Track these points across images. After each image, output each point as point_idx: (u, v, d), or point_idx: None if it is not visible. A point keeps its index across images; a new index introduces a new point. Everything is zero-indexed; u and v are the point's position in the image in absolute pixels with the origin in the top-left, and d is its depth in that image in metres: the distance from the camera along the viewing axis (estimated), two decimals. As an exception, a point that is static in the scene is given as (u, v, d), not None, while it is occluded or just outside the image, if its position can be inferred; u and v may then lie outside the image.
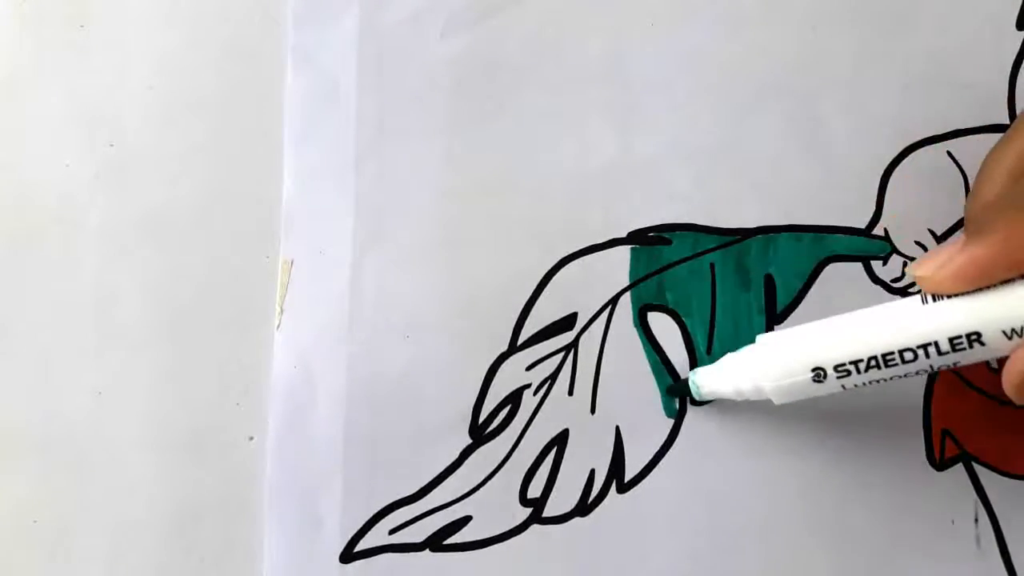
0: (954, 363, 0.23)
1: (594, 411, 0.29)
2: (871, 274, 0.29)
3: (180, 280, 0.30)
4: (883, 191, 0.29)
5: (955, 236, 0.29)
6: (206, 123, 0.31)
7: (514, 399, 0.29)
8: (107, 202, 0.31)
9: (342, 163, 0.30)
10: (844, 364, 0.24)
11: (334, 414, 0.29)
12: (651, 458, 0.28)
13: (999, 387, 0.23)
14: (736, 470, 0.28)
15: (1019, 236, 0.22)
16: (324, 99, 0.31)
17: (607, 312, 0.29)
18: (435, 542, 0.28)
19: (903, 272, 0.29)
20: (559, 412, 0.29)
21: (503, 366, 0.29)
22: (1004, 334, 0.22)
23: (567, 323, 0.29)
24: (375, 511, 0.28)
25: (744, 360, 0.26)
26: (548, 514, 0.28)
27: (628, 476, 0.28)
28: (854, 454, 0.28)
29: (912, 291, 0.24)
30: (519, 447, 0.29)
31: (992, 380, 0.28)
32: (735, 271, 0.29)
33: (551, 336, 0.29)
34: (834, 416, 0.28)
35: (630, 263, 0.29)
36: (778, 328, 0.29)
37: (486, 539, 0.28)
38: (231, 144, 0.31)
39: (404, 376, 0.29)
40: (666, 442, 0.28)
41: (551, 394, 0.29)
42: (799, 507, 0.28)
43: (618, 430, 0.29)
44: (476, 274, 0.30)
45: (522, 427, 0.29)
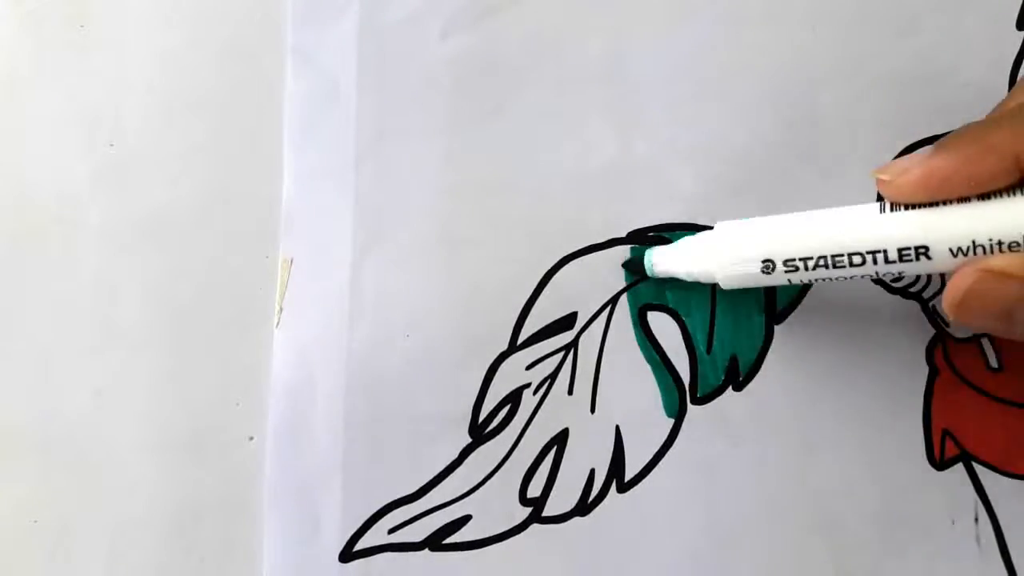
0: (899, 272, 0.24)
1: (594, 411, 0.29)
2: (871, 274, 0.29)
3: (180, 280, 0.30)
4: (883, 191, 0.29)
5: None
6: (206, 123, 0.31)
7: (514, 398, 0.29)
8: (107, 202, 0.31)
9: (342, 163, 0.30)
10: (793, 259, 0.24)
11: (334, 413, 0.29)
12: (651, 458, 0.28)
13: (999, 387, 0.23)
14: (736, 470, 0.28)
15: (989, 152, 0.22)
16: (324, 99, 0.31)
17: (607, 312, 0.29)
18: (434, 541, 0.28)
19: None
20: (559, 412, 0.29)
21: (503, 365, 0.29)
22: (951, 251, 0.23)
23: (567, 323, 0.29)
24: (375, 510, 0.28)
25: (700, 244, 0.27)
26: (548, 514, 0.28)
27: (628, 476, 0.28)
28: (854, 454, 0.28)
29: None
30: (519, 446, 0.29)
31: (992, 380, 0.28)
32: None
33: (551, 336, 0.29)
34: (834, 416, 0.28)
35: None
36: (777, 327, 0.29)
37: (486, 538, 0.28)
38: (231, 144, 0.31)
39: (404, 375, 0.29)
40: (666, 442, 0.28)
41: (551, 393, 0.29)
42: (799, 507, 0.28)
43: (618, 430, 0.29)
44: (476, 274, 0.30)
45: (522, 426, 0.29)
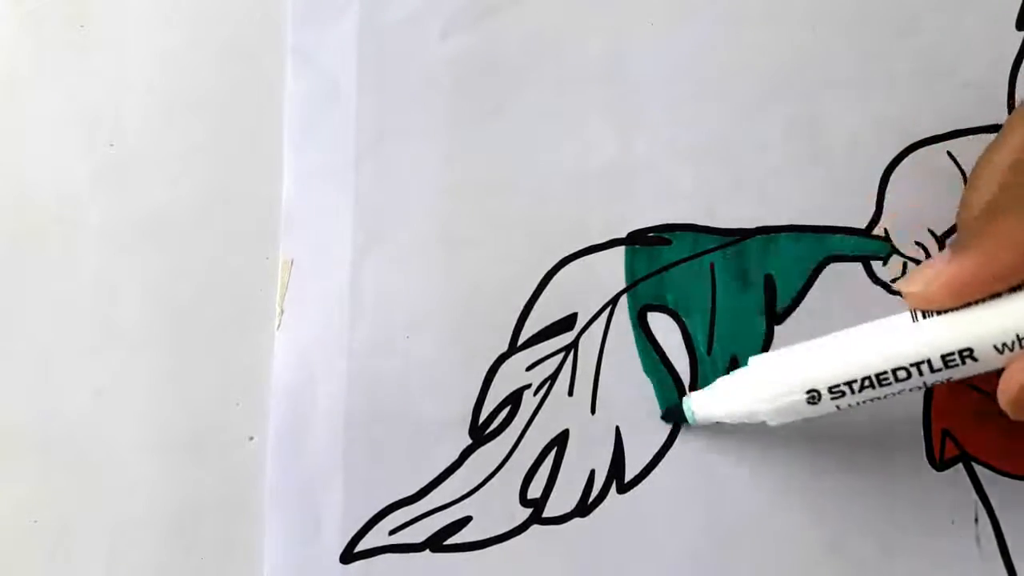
0: (947, 378, 0.23)
1: (594, 411, 0.29)
2: (871, 274, 0.29)
3: (180, 280, 0.30)
4: (883, 191, 0.29)
5: (950, 240, 0.28)
6: (206, 123, 0.31)
7: (514, 399, 0.29)
8: (107, 202, 0.31)
9: (342, 163, 0.30)
10: (838, 385, 0.24)
11: (334, 414, 0.29)
12: (651, 458, 0.28)
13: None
14: (736, 470, 0.28)
15: (1004, 248, 0.22)
16: (324, 99, 0.31)
17: (607, 312, 0.29)
18: (435, 542, 0.28)
19: (903, 272, 0.29)
20: (559, 412, 0.29)
21: (503, 366, 0.29)
22: (996, 349, 0.22)
23: (567, 323, 0.29)
24: (375, 511, 0.28)
25: (738, 383, 0.26)
26: (548, 514, 0.28)
27: (628, 476, 0.28)
28: (854, 454, 0.28)
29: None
30: (519, 447, 0.29)
31: (992, 380, 0.28)
32: (735, 271, 0.29)
33: (551, 336, 0.29)
34: (834, 416, 0.28)
35: (625, 263, 0.29)
36: (778, 328, 0.29)
37: (486, 539, 0.28)
38: (231, 144, 0.31)
39: (404, 376, 0.29)
40: (666, 442, 0.28)
41: (551, 394, 0.29)
42: (799, 507, 0.28)
43: (618, 430, 0.29)
44: (476, 274, 0.29)
45: (522, 427, 0.29)
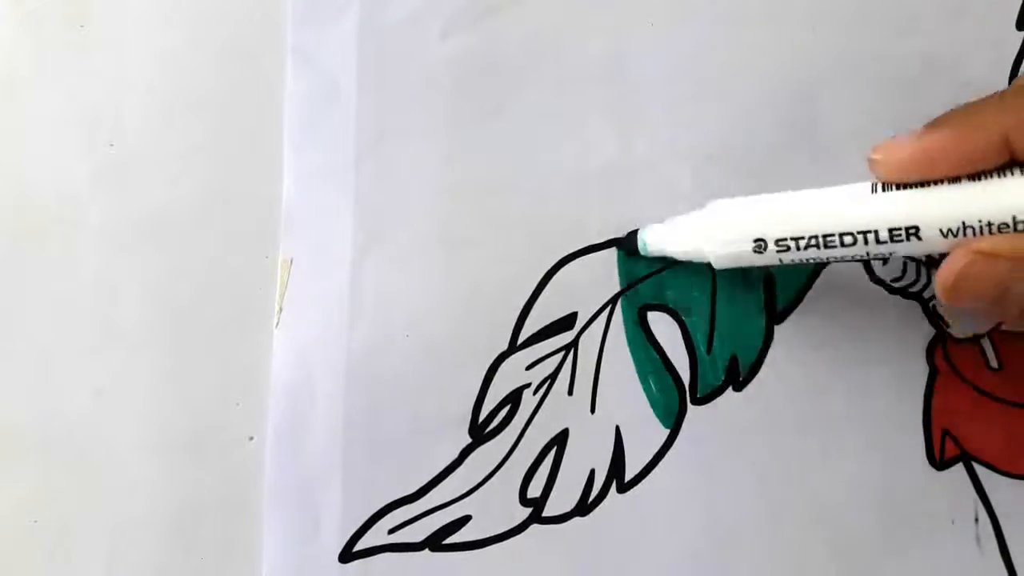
0: (890, 252, 0.24)
1: (594, 411, 0.29)
2: (871, 274, 0.29)
3: (180, 280, 0.30)
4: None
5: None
6: (206, 123, 0.31)
7: (514, 399, 0.29)
8: (107, 202, 0.31)
9: (342, 163, 0.30)
10: (785, 239, 0.24)
11: (333, 413, 0.29)
12: (651, 458, 0.28)
13: (999, 387, 0.23)
14: (736, 470, 0.28)
15: (977, 129, 0.22)
16: (324, 99, 0.31)
17: (607, 312, 0.29)
18: (434, 542, 0.28)
19: (903, 272, 0.29)
20: (559, 412, 0.29)
21: (503, 366, 0.29)
22: (941, 232, 0.23)
23: (567, 323, 0.29)
24: (374, 510, 0.28)
25: (692, 223, 0.27)
26: (548, 514, 0.28)
27: (628, 476, 0.28)
28: (854, 454, 0.28)
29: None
30: (519, 447, 0.29)
31: (992, 380, 0.28)
32: (735, 271, 0.29)
33: (551, 336, 0.29)
34: (834, 416, 0.28)
35: (617, 264, 0.29)
36: (777, 327, 0.29)
37: (486, 539, 0.28)
38: (231, 144, 0.31)
39: (404, 376, 0.29)
40: (666, 442, 0.28)
41: (551, 394, 0.29)
42: (798, 507, 0.28)
43: (618, 430, 0.29)
44: (476, 274, 0.29)
45: (522, 427, 0.29)
